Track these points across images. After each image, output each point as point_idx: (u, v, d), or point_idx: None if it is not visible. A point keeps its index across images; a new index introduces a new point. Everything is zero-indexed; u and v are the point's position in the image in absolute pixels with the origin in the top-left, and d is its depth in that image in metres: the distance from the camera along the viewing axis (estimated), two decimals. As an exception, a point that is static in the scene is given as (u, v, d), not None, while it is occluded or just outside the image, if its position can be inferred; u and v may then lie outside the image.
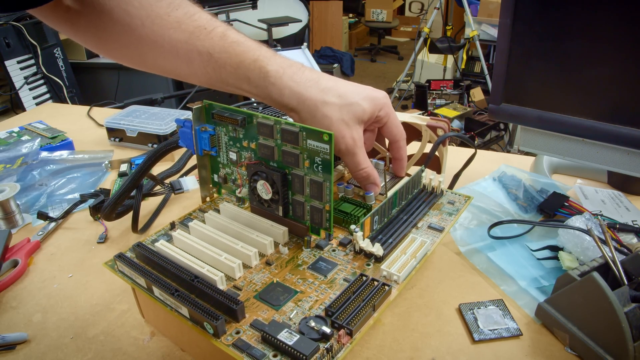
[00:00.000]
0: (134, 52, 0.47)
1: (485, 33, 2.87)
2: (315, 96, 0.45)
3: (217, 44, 0.45)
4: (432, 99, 2.72)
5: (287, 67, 0.45)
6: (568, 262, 0.52)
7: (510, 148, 2.26)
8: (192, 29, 0.45)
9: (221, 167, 0.52)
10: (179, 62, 0.46)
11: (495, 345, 0.45)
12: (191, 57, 0.46)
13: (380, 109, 0.47)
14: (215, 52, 0.45)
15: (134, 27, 0.44)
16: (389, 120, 0.49)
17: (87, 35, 0.47)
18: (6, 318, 0.51)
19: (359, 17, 5.27)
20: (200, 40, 0.45)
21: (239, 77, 0.46)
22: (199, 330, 0.38)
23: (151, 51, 0.46)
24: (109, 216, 0.60)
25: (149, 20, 0.44)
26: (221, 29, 0.46)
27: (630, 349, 0.38)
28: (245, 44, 0.46)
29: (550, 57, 0.60)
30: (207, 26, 0.45)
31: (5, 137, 0.94)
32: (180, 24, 0.45)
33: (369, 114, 0.46)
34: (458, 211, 0.53)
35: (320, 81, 0.46)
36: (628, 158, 0.60)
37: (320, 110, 0.45)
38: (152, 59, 0.47)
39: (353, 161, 0.47)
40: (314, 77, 0.46)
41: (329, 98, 0.45)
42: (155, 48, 0.46)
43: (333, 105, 0.45)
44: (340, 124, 0.45)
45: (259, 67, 0.45)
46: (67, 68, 2.35)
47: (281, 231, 0.47)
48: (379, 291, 0.40)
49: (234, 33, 0.46)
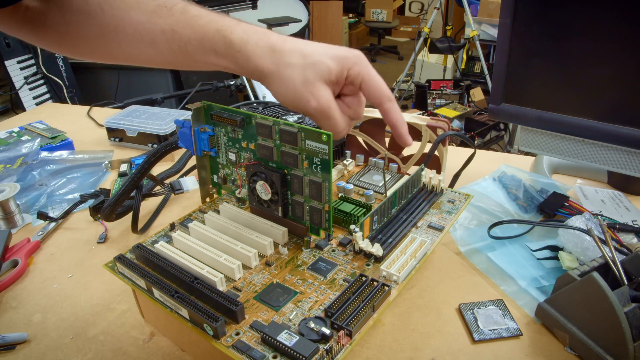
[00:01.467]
0: (97, 43, 0.46)
1: (485, 33, 2.86)
2: (279, 59, 0.43)
3: (179, 19, 0.44)
4: (432, 99, 2.72)
5: (252, 33, 0.44)
6: (568, 262, 0.52)
7: (510, 148, 2.26)
8: (153, 7, 0.44)
9: (220, 167, 0.52)
10: (144, 45, 0.46)
11: (495, 345, 0.45)
12: (155, 37, 0.45)
13: (350, 67, 0.44)
14: (178, 28, 0.44)
15: (94, 14, 0.44)
16: (363, 80, 0.44)
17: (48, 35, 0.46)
18: (6, 318, 0.51)
19: (359, 17, 5.26)
20: (162, 18, 0.44)
21: (205, 50, 0.45)
22: (198, 332, 0.38)
23: (115, 38, 0.45)
24: (109, 217, 0.60)
25: (107, 4, 0.44)
26: (181, 4, 0.45)
27: (630, 349, 0.38)
28: (208, 16, 0.45)
29: (550, 57, 0.60)
30: (167, 3, 0.45)
31: (5, 137, 0.94)
32: (140, 3, 0.44)
33: (335, 73, 0.43)
34: (458, 210, 0.53)
35: (286, 44, 0.44)
36: (628, 158, 0.60)
37: (283, 72, 0.43)
38: (116, 47, 0.46)
39: (328, 125, 0.44)
40: (279, 41, 0.44)
41: (293, 60, 0.43)
42: (117, 34, 0.45)
43: (296, 66, 0.43)
44: (304, 84, 0.43)
45: (223, 36, 0.44)
46: (67, 68, 2.35)
47: (281, 232, 0.47)
48: (378, 291, 0.40)
49: (195, 7, 0.45)
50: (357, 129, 0.69)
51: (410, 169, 0.66)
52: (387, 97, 0.45)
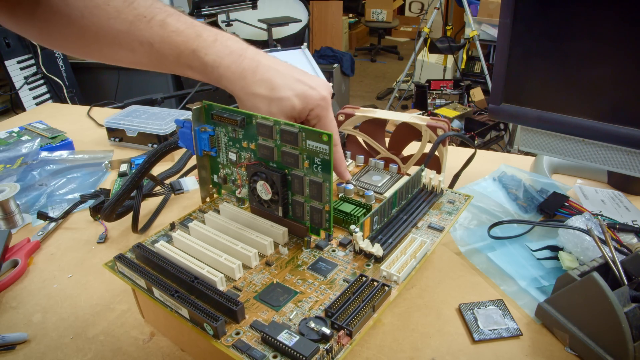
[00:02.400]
0: (77, 44, 0.47)
1: (485, 33, 2.86)
2: (247, 88, 0.45)
3: (156, 33, 0.45)
4: (432, 99, 2.72)
5: (226, 55, 0.45)
6: (568, 262, 0.52)
7: (510, 148, 2.26)
8: (132, 17, 0.45)
9: (221, 167, 0.52)
10: (123, 51, 0.46)
11: (495, 345, 0.45)
12: (133, 46, 0.46)
13: (312, 109, 0.46)
14: (155, 42, 0.45)
15: (74, 18, 0.44)
16: (319, 123, 0.47)
17: (27, 27, 0.46)
18: (6, 318, 0.51)
19: (359, 17, 5.26)
20: (140, 30, 0.45)
21: (180, 64, 0.46)
22: (199, 332, 0.38)
23: (94, 42, 0.46)
24: (109, 217, 0.60)
25: (87, 10, 0.44)
26: (160, 16, 0.46)
27: (630, 349, 0.38)
28: (185, 33, 0.45)
29: (550, 57, 0.60)
30: (147, 14, 0.45)
31: (5, 137, 0.94)
32: (120, 12, 0.45)
33: (298, 111, 0.46)
34: (458, 210, 0.53)
35: (257, 71, 0.45)
36: (628, 158, 0.60)
37: (250, 100, 0.46)
38: (96, 50, 0.47)
39: None
40: (252, 67, 0.46)
41: (260, 90, 0.45)
42: (97, 39, 0.46)
43: (263, 97, 0.45)
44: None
45: (197, 57, 0.45)
46: (67, 68, 2.35)
47: (281, 232, 0.47)
48: (378, 292, 0.40)
49: (174, 19, 0.46)
50: (357, 129, 0.69)
51: (410, 170, 0.66)
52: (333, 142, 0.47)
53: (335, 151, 0.48)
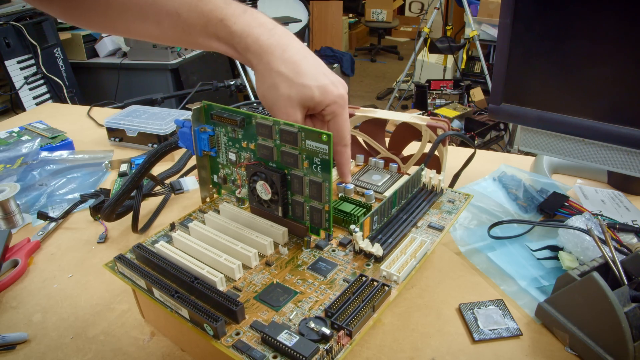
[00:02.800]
0: (103, 18, 0.46)
1: (485, 33, 2.86)
2: (273, 62, 0.44)
3: (184, 2, 0.44)
4: (432, 99, 2.71)
5: (255, 27, 0.44)
6: (568, 262, 0.52)
7: (510, 148, 2.26)
8: None
9: (221, 167, 0.52)
10: (148, 24, 0.46)
11: (495, 345, 0.45)
12: (160, 18, 0.45)
13: (329, 104, 0.45)
14: (183, 12, 0.44)
15: None
16: (333, 120, 0.46)
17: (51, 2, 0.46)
18: (6, 318, 0.51)
19: (359, 17, 5.26)
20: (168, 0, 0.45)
21: (208, 34, 0.45)
22: (198, 332, 0.38)
23: (121, 15, 0.45)
24: (109, 217, 0.60)
25: None
26: None
27: (630, 349, 0.38)
28: (213, 2, 0.45)
29: (550, 57, 0.60)
30: None
31: (5, 137, 0.94)
32: None
33: (315, 103, 0.45)
34: (458, 210, 0.53)
35: (287, 51, 0.44)
36: (628, 158, 0.60)
37: (272, 77, 0.44)
38: (122, 24, 0.47)
39: None
40: (282, 44, 0.45)
41: (286, 70, 0.44)
42: (124, 12, 0.45)
43: (286, 78, 0.44)
44: (285, 99, 0.44)
45: (225, 26, 0.44)
46: (67, 68, 2.35)
47: (281, 232, 0.47)
48: (378, 291, 0.40)
49: None
50: (357, 129, 0.69)
51: (410, 169, 0.66)
52: (344, 141, 0.48)
53: (344, 152, 0.48)
